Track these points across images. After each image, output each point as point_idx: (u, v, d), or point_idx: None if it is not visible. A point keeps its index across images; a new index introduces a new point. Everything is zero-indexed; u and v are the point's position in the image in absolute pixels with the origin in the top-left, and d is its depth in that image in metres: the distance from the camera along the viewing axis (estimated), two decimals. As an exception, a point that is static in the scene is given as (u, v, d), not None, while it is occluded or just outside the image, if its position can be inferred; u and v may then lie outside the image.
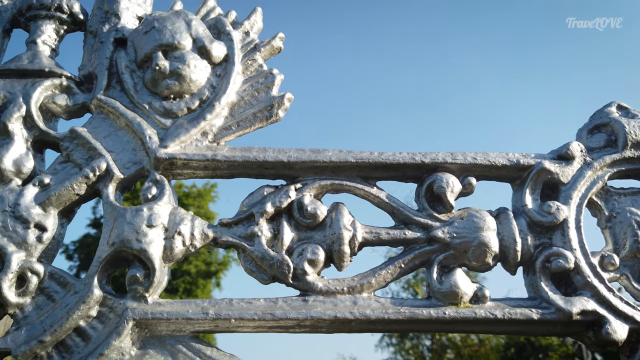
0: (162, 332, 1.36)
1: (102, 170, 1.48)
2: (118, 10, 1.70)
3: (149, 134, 1.52)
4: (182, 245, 1.42)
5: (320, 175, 1.55)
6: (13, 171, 1.47)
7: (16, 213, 1.40)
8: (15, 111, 1.50)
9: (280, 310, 1.36)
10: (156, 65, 1.55)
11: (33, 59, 1.60)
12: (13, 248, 1.36)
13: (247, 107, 1.63)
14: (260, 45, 1.71)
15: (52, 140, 1.54)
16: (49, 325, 1.32)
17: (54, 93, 1.58)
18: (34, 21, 1.68)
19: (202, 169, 1.54)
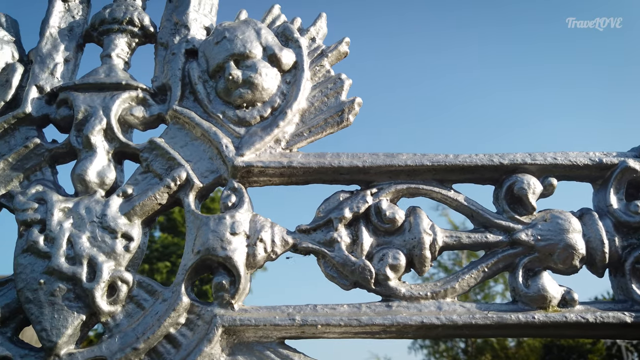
0: (250, 338, 1.37)
1: (182, 180, 1.51)
2: (187, 22, 1.73)
3: (225, 142, 1.54)
4: (264, 252, 1.43)
5: (395, 179, 1.55)
6: (97, 182, 1.51)
7: (104, 223, 1.44)
8: (97, 124, 1.54)
9: (366, 316, 1.36)
10: (229, 74, 1.57)
11: (109, 72, 1.65)
12: (103, 258, 1.40)
13: (317, 113, 1.63)
14: (327, 50, 1.72)
15: (132, 151, 1.57)
16: (141, 333, 1.34)
17: (130, 105, 1.62)
18: (107, 35, 1.73)
19: (277, 176, 1.55)
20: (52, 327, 1.33)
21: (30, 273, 1.38)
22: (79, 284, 1.36)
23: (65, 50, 1.73)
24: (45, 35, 1.72)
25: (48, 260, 1.39)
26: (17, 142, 1.59)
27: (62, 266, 1.37)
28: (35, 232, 1.41)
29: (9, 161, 1.55)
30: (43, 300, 1.36)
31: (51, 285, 1.36)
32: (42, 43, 1.71)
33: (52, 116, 1.62)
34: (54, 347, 1.32)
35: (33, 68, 1.67)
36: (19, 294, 1.38)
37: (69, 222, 1.43)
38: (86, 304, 1.36)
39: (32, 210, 1.45)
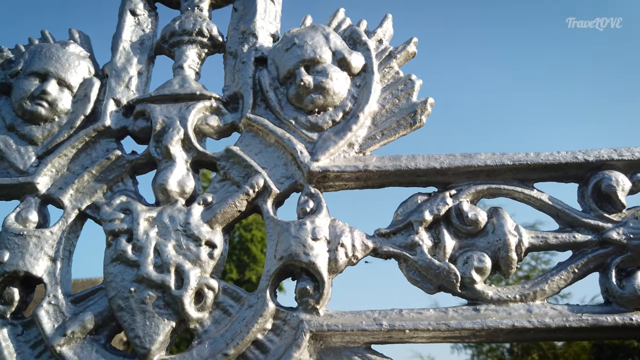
0: (337, 343, 1.37)
1: (260, 187, 1.52)
2: (255, 30, 1.75)
3: (299, 148, 1.54)
4: (345, 256, 1.43)
5: (475, 180, 1.52)
6: (178, 192, 1.54)
7: (187, 232, 1.47)
8: (175, 135, 1.58)
9: (455, 321, 1.33)
10: (301, 81, 1.57)
11: (183, 83, 1.68)
12: (189, 265, 1.42)
13: (389, 115, 1.62)
14: (395, 52, 1.70)
15: (209, 160, 1.60)
16: (230, 339, 1.36)
17: (205, 115, 1.65)
18: (178, 47, 1.76)
19: (353, 180, 1.55)
20: (145, 334, 1.37)
21: (121, 282, 1.43)
22: (168, 292, 1.40)
23: (138, 63, 1.77)
24: (118, 49, 1.77)
25: (137, 269, 1.42)
26: (99, 154, 1.64)
27: (151, 274, 1.41)
28: (123, 242, 1.46)
29: (92, 173, 1.60)
30: (134, 307, 1.40)
31: (141, 293, 1.40)
32: (116, 57, 1.76)
33: (130, 128, 1.67)
34: (148, 353, 1.36)
35: (109, 82, 1.72)
36: (111, 302, 1.42)
37: (154, 231, 1.47)
38: (175, 311, 1.39)
39: (119, 220, 1.49)
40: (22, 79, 1.68)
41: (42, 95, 1.64)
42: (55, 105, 1.66)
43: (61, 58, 1.70)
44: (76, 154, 1.64)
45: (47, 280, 1.47)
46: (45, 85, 1.65)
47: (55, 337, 1.38)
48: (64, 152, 1.62)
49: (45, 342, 1.40)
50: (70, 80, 1.69)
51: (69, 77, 1.69)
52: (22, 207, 1.56)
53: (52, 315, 1.43)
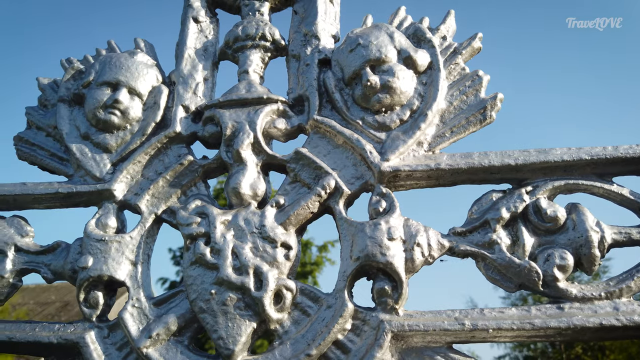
0: (418, 343, 1.37)
1: (331, 188, 1.53)
2: (317, 32, 1.76)
3: (368, 149, 1.54)
4: (421, 256, 1.43)
5: (551, 175, 1.49)
6: (250, 195, 1.57)
7: (263, 234, 1.49)
8: (245, 139, 1.60)
9: (539, 320, 1.32)
10: (367, 81, 1.57)
11: (249, 88, 1.70)
12: (267, 267, 1.44)
13: (457, 112, 1.60)
14: (460, 48, 1.68)
15: (278, 162, 1.62)
16: (311, 340, 1.38)
17: (272, 118, 1.67)
18: (242, 52, 1.79)
19: (425, 179, 1.54)
20: (228, 335, 1.40)
21: (201, 284, 1.46)
22: (248, 293, 1.42)
23: (203, 70, 1.81)
24: (184, 56, 1.81)
25: (216, 272, 1.45)
26: (171, 160, 1.68)
27: (231, 277, 1.44)
28: (202, 245, 1.49)
29: (167, 179, 1.64)
30: (216, 309, 1.43)
31: (222, 295, 1.43)
32: (182, 64, 1.80)
33: (199, 134, 1.70)
34: (232, 354, 1.38)
35: (177, 89, 1.76)
36: (192, 305, 1.46)
37: (230, 234, 1.50)
38: (256, 312, 1.42)
39: (196, 224, 1.52)
40: (95, 89, 1.73)
41: (115, 104, 1.69)
42: (127, 114, 1.71)
43: (130, 67, 1.74)
44: (149, 161, 1.69)
45: (129, 283, 1.52)
46: (117, 95, 1.70)
47: (141, 340, 1.43)
48: (138, 159, 1.67)
49: (131, 344, 1.44)
50: (140, 88, 1.73)
51: (139, 86, 1.73)
52: (101, 213, 1.62)
53: (137, 318, 1.48)
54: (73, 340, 1.45)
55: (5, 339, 1.48)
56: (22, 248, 1.61)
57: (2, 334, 1.49)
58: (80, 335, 1.45)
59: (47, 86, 1.88)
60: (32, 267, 1.59)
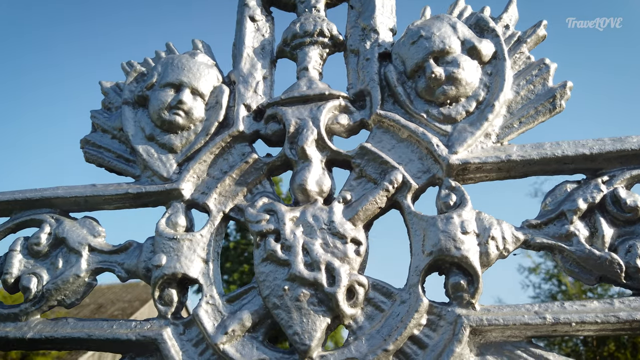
0: (497, 338, 1.35)
1: (399, 182, 1.52)
2: (375, 26, 1.75)
3: (435, 142, 1.53)
4: (496, 250, 1.41)
5: (627, 164, 1.44)
6: (317, 191, 1.57)
7: (332, 230, 1.49)
8: (309, 135, 1.61)
9: (624, 312, 1.28)
10: (431, 73, 1.55)
11: (310, 84, 1.71)
12: (338, 263, 1.45)
13: (525, 102, 1.57)
14: (524, 36, 1.64)
15: (342, 158, 1.62)
16: (387, 335, 1.38)
17: (334, 114, 1.67)
18: (300, 49, 1.79)
19: (495, 171, 1.52)
20: (303, 330, 1.41)
21: (273, 280, 1.47)
22: (321, 289, 1.43)
23: (262, 68, 1.82)
24: (243, 55, 1.82)
25: (288, 268, 1.47)
26: (235, 158, 1.70)
27: (303, 273, 1.44)
28: (272, 242, 1.50)
29: (233, 177, 1.66)
30: (290, 305, 1.44)
31: (295, 291, 1.44)
32: (241, 63, 1.81)
33: (262, 132, 1.71)
34: (308, 350, 1.39)
35: (238, 88, 1.78)
36: (265, 301, 1.47)
37: (299, 230, 1.51)
38: (329, 308, 1.42)
39: (265, 221, 1.54)
40: (158, 90, 1.76)
41: (179, 104, 1.72)
42: (191, 114, 1.73)
43: (192, 68, 1.77)
44: (214, 160, 1.71)
45: (202, 281, 1.55)
46: (180, 95, 1.72)
47: (218, 336, 1.45)
48: (203, 159, 1.69)
49: (207, 340, 1.47)
50: (202, 89, 1.76)
51: (201, 86, 1.76)
52: (171, 212, 1.65)
53: (211, 315, 1.50)
54: (151, 337, 1.49)
55: (85, 336, 1.53)
56: (95, 248, 1.66)
57: (82, 331, 1.54)
58: (158, 332, 1.49)
59: (110, 89, 1.92)
60: (106, 267, 1.63)
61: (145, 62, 1.93)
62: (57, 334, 1.55)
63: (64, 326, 1.57)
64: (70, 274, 1.61)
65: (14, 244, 1.69)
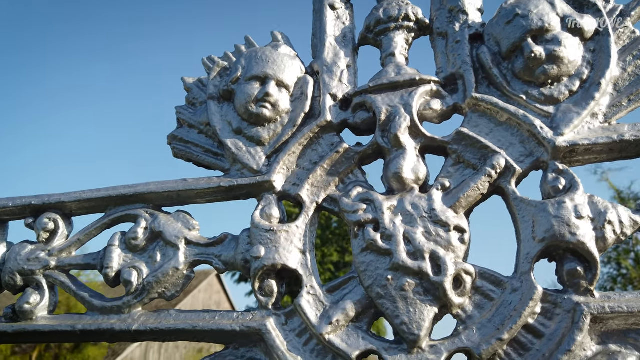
0: (620, 326, 1.29)
1: (502, 167, 1.47)
2: (464, 7, 1.69)
3: (538, 124, 1.47)
4: (613, 234, 1.34)
5: None
6: (413, 179, 1.54)
7: (434, 218, 1.46)
8: (402, 122, 1.57)
9: None
10: (531, 52, 1.49)
11: (399, 70, 1.67)
12: (443, 251, 1.41)
13: (632, 78, 1.49)
14: (627, 9, 1.56)
15: (437, 145, 1.58)
16: (500, 324, 1.34)
17: (426, 100, 1.63)
18: (384, 35, 1.76)
19: (606, 152, 1.45)
20: (411, 320, 1.39)
21: (375, 270, 1.46)
22: (426, 278, 1.40)
23: (345, 57, 1.80)
24: (325, 45, 1.80)
25: (390, 257, 1.44)
26: (324, 149, 1.69)
27: (407, 262, 1.42)
28: (372, 232, 1.48)
29: (324, 167, 1.65)
30: (394, 295, 1.42)
31: (399, 281, 1.42)
32: (324, 53, 1.79)
33: (349, 121, 1.69)
34: (417, 339, 1.37)
35: (322, 78, 1.76)
36: (368, 291, 1.46)
37: (399, 219, 1.48)
38: (436, 297, 1.39)
39: (362, 211, 1.52)
40: (243, 84, 1.77)
41: (265, 97, 1.71)
42: (277, 106, 1.73)
43: (276, 60, 1.76)
44: (303, 151, 1.70)
45: (301, 271, 1.54)
46: (267, 88, 1.72)
47: (322, 326, 1.45)
48: (292, 150, 1.69)
49: (311, 330, 1.47)
50: (287, 80, 1.75)
51: (286, 78, 1.75)
52: (264, 204, 1.65)
53: (313, 305, 1.50)
54: (255, 328, 1.50)
55: (190, 327, 1.56)
56: (191, 241, 1.68)
57: (186, 322, 1.57)
58: (262, 323, 1.50)
59: (193, 85, 1.95)
60: (204, 259, 1.66)
61: (226, 57, 1.93)
62: (161, 326, 1.58)
63: (167, 318, 1.61)
64: (170, 267, 1.64)
65: (112, 239, 1.74)
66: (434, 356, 1.36)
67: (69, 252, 1.80)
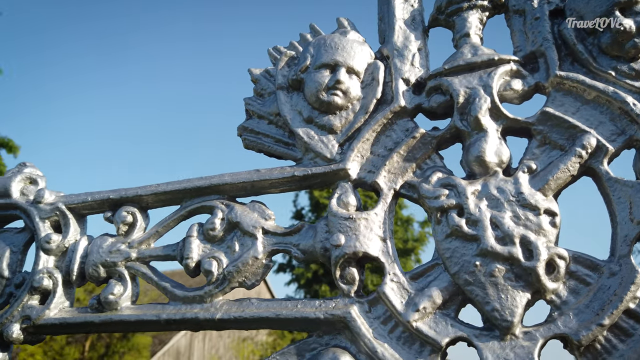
0: None
1: (593, 147, 1.42)
2: (545, -18, 1.62)
3: (630, 100, 1.41)
4: None
5: None
6: (496, 162, 1.50)
7: (522, 202, 1.42)
8: (483, 104, 1.53)
9: None
10: (620, 25, 1.42)
11: (475, 51, 1.62)
12: (534, 236, 1.37)
13: None
14: None
15: (520, 126, 1.53)
16: (599, 309, 1.29)
17: (506, 80, 1.58)
18: (457, 15, 1.71)
19: None
20: (503, 307, 1.36)
21: (462, 257, 1.43)
22: (517, 264, 1.36)
23: (415, 40, 1.76)
24: (395, 28, 1.77)
25: (477, 243, 1.41)
26: (399, 135, 1.66)
27: (496, 247, 1.39)
28: (456, 217, 1.45)
29: (400, 154, 1.63)
30: (484, 281, 1.39)
31: (488, 267, 1.39)
32: (394, 37, 1.76)
33: (424, 105, 1.66)
34: (510, 326, 1.34)
35: (394, 62, 1.73)
36: (455, 277, 1.43)
37: (484, 204, 1.44)
38: (528, 283, 1.36)
39: (444, 196, 1.49)
40: (313, 72, 1.76)
41: (337, 85, 1.70)
42: (349, 93, 1.71)
43: (346, 47, 1.74)
44: (376, 138, 1.68)
45: (383, 259, 1.53)
46: (337, 75, 1.70)
47: (409, 313, 1.44)
48: (366, 137, 1.67)
49: (397, 317, 1.46)
50: (357, 67, 1.73)
51: (356, 64, 1.73)
52: (340, 192, 1.64)
53: (397, 292, 1.49)
54: (339, 316, 1.50)
55: (273, 316, 1.57)
56: (269, 230, 1.70)
57: (269, 311, 1.58)
58: (346, 311, 1.50)
59: (260, 76, 1.95)
60: (282, 248, 1.67)
61: (292, 46, 1.93)
62: (244, 314, 1.61)
63: (249, 306, 1.63)
64: (249, 256, 1.66)
65: (190, 230, 1.77)
66: (528, 343, 1.33)
67: (147, 244, 1.84)
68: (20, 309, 1.83)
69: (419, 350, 1.42)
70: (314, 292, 19.07)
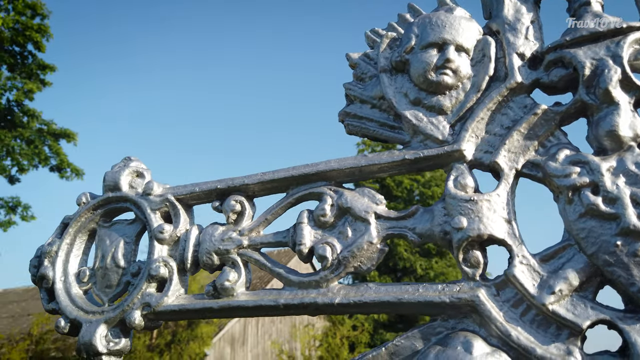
0: None
1: None
2: (673, -60, 1.51)
3: None
4: None
5: None
6: (630, 136, 1.42)
7: (666, 177, 1.33)
8: (613, 75, 1.45)
9: None
10: None
11: (599, 20, 1.54)
12: (683, 212, 1.29)
13: None
14: None
15: (656, 96, 1.44)
16: None
17: (636, 49, 1.49)
18: (574, -17, 1.62)
19: None
20: (651, 287, 1.29)
21: (599, 237, 1.37)
22: (665, 242, 1.29)
23: (527, 12, 1.68)
24: (505, 1, 1.70)
25: (615, 222, 1.35)
26: (517, 112, 1.60)
27: (639, 226, 1.31)
28: (591, 196, 1.39)
29: (521, 132, 1.57)
30: (627, 262, 1.32)
31: (631, 246, 1.32)
32: (504, 10, 1.69)
33: (542, 80, 1.59)
34: (661, 307, 1.27)
35: (505, 37, 1.66)
36: (592, 258, 1.37)
37: (621, 180, 1.37)
38: (679, 262, 1.28)
39: (575, 174, 1.43)
40: (419, 52, 1.72)
41: (446, 64, 1.66)
42: (459, 72, 1.66)
43: (453, 24, 1.69)
44: (491, 116, 1.63)
45: (509, 241, 1.49)
46: (446, 54, 1.66)
47: (543, 296, 1.39)
48: (480, 116, 1.62)
49: (529, 301, 1.42)
50: (466, 44, 1.68)
51: (465, 42, 1.68)
52: (456, 174, 1.61)
53: (528, 275, 1.45)
54: (466, 299, 1.47)
55: (395, 300, 1.57)
56: (381, 215, 1.69)
57: (391, 295, 1.58)
58: (473, 294, 1.47)
59: (359, 60, 1.93)
60: (397, 232, 1.65)
61: (391, 27, 1.89)
62: (364, 299, 1.61)
63: (367, 291, 1.63)
64: (364, 241, 1.66)
65: (301, 217, 1.79)
66: (682, 325, 1.26)
67: (257, 232, 1.88)
68: (140, 296, 1.91)
69: (555, 334, 1.38)
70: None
